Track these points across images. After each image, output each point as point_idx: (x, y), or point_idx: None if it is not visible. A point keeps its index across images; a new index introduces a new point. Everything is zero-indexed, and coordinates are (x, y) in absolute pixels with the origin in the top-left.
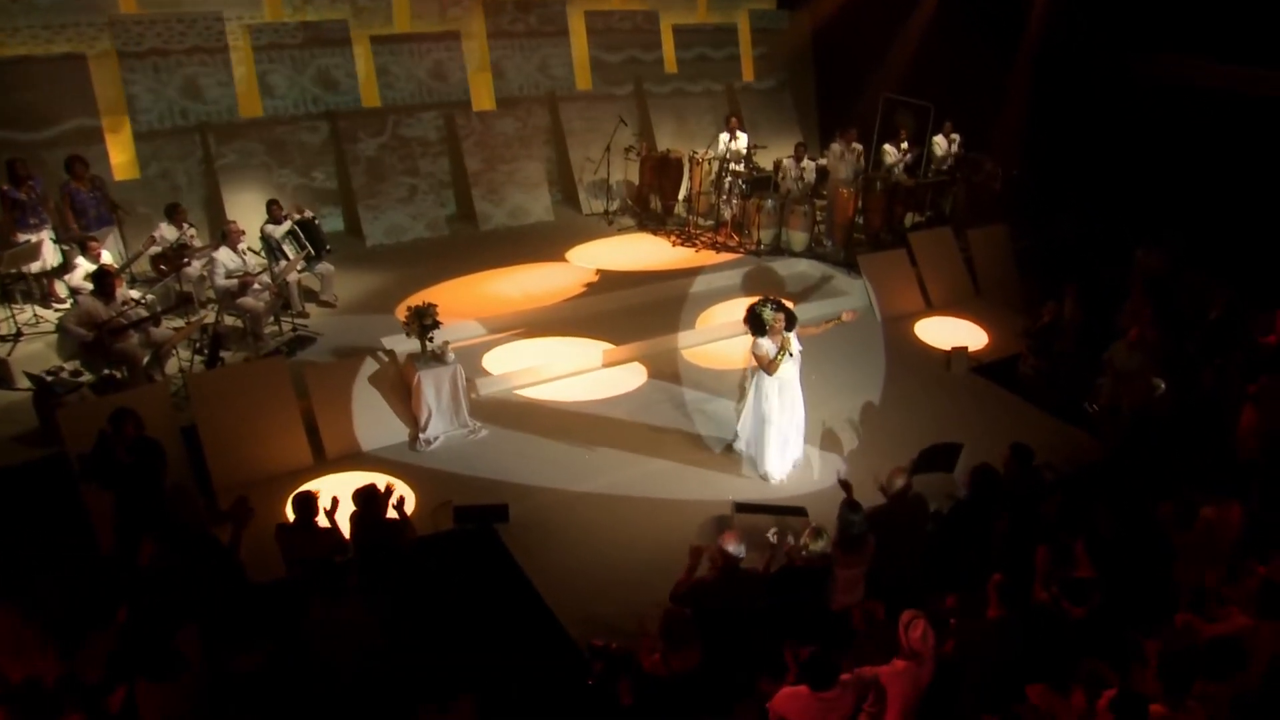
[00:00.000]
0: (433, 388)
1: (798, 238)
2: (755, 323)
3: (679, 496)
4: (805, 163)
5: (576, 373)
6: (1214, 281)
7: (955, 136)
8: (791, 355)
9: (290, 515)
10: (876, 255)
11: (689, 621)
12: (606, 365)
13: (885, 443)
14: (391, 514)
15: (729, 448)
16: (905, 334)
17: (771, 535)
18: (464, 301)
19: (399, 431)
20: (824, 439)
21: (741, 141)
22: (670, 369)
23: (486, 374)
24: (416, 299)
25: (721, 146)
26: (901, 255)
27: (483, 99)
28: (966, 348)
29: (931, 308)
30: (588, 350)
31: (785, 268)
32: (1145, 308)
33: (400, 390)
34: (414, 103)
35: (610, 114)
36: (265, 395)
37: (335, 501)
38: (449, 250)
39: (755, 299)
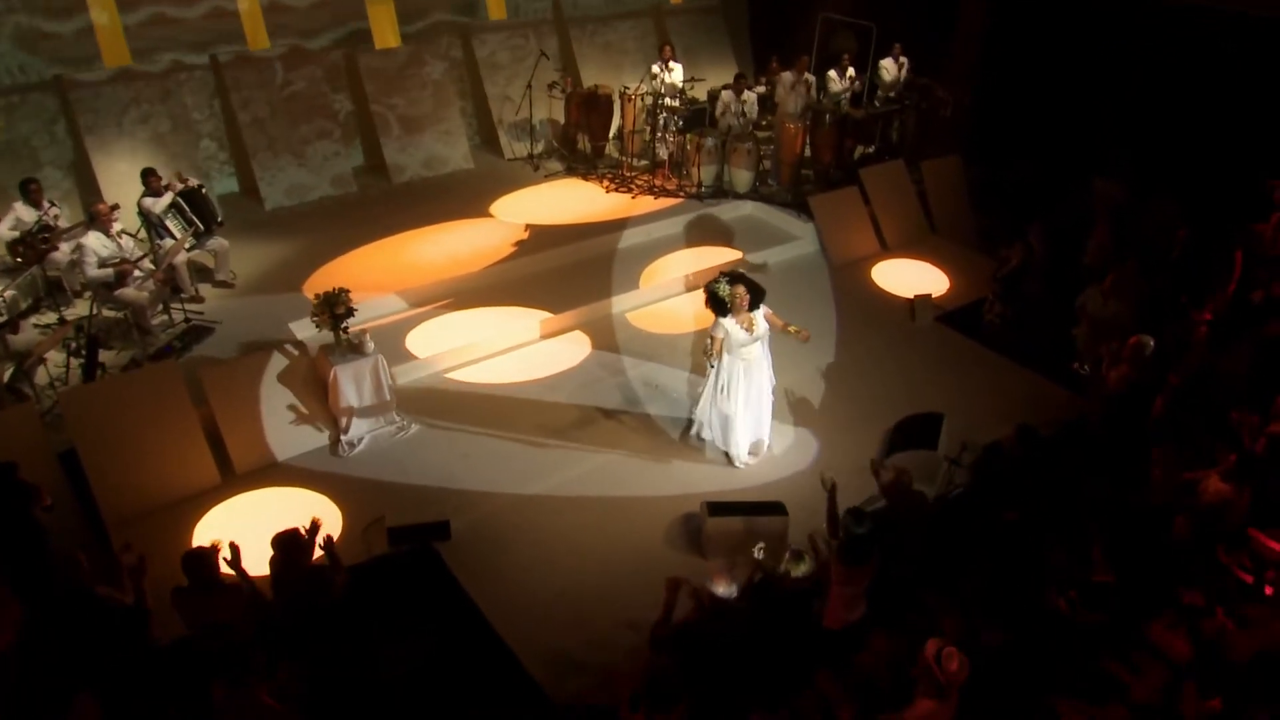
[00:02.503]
0: (352, 383)
1: (742, 177)
2: (715, 303)
3: (640, 493)
4: (746, 94)
5: (512, 348)
6: (1177, 212)
7: (904, 60)
8: (757, 336)
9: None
10: (828, 195)
11: (674, 675)
12: (545, 337)
13: (854, 412)
14: (323, 548)
15: (685, 434)
16: (862, 280)
17: (758, 552)
18: (380, 271)
19: (317, 436)
20: (786, 411)
21: (676, 73)
22: (615, 337)
23: (412, 358)
24: (326, 273)
25: (654, 79)
26: (854, 194)
27: (386, 34)
28: (930, 295)
29: (887, 250)
30: (523, 321)
31: (730, 212)
32: (1108, 243)
33: (315, 388)
34: (308, 42)
35: (530, 47)
36: (156, 406)
37: (236, 550)
38: (360, 210)
39: (712, 270)
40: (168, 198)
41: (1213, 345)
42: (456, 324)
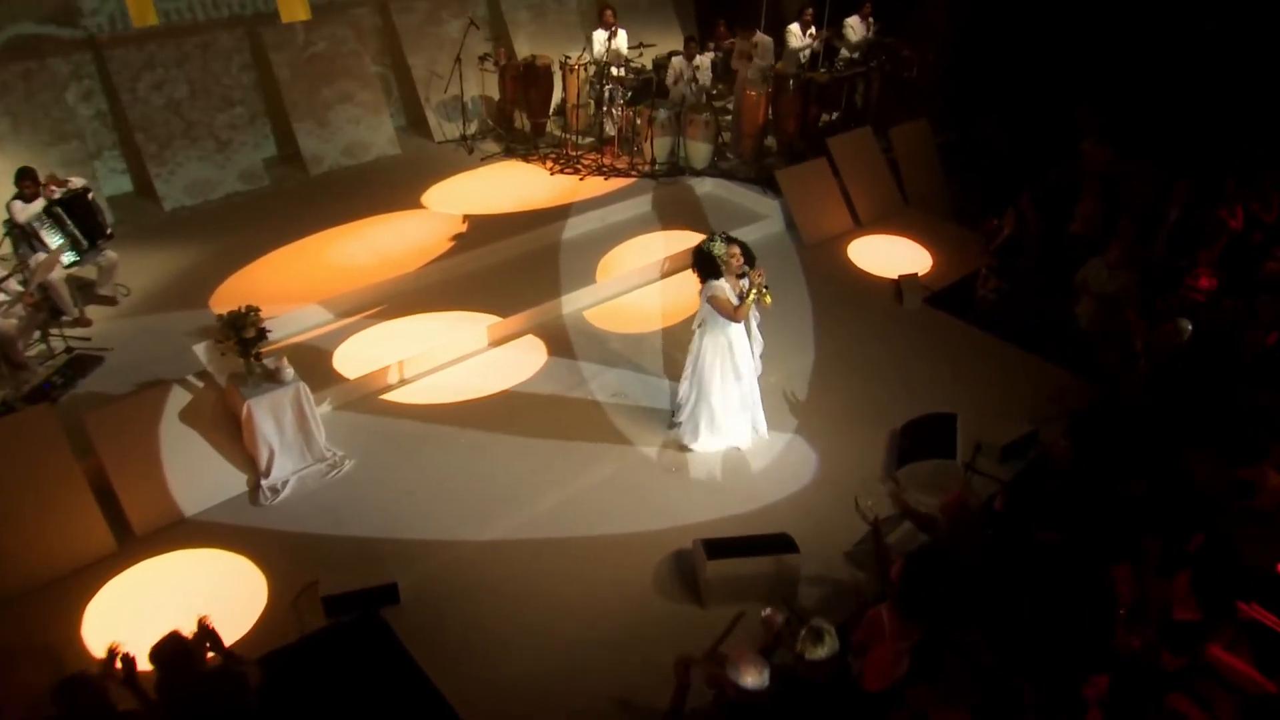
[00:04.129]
0: (270, 417)
1: (699, 151)
2: (706, 264)
3: (620, 528)
4: (699, 59)
5: (457, 360)
6: (1170, 173)
7: (872, 21)
8: (759, 297)
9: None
10: (795, 168)
11: None
12: (494, 345)
13: (849, 413)
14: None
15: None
16: (838, 261)
17: (767, 615)
18: (299, 278)
19: (233, 482)
20: (771, 415)
21: (621, 40)
22: (573, 340)
23: (340, 380)
24: (237, 283)
25: (598, 47)
26: (823, 166)
27: (294, 6)
28: (916, 274)
29: (861, 226)
30: (467, 328)
31: (688, 191)
32: (1097, 210)
33: (227, 424)
34: (203, 18)
35: (457, 17)
36: (31, 460)
37: (130, 661)
38: (274, 206)
39: (689, 237)
40: (39, 204)
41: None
42: (391, 336)
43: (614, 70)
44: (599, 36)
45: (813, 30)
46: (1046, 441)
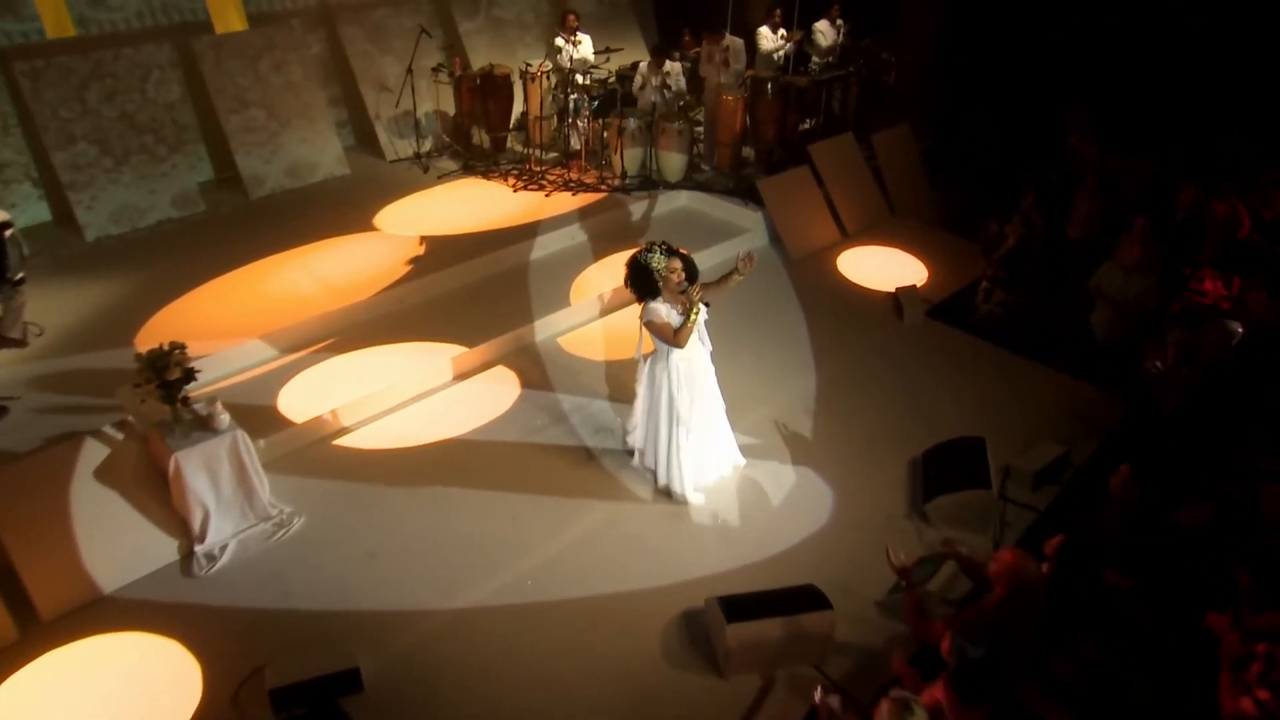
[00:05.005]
0: (203, 473)
1: (673, 162)
2: (641, 279)
3: (617, 586)
4: (669, 65)
5: (419, 397)
6: (1166, 171)
7: (841, 23)
8: (699, 317)
9: None
10: (777, 178)
11: None
12: (459, 378)
13: (860, 442)
14: None
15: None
16: (828, 275)
17: (818, 696)
18: (238, 310)
19: (161, 550)
20: (778, 446)
21: (585, 46)
22: (548, 369)
23: (286, 424)
24: (167, 319)
25: (560, 54)
26: (805, 175)
27: (229, 16)
28: (915, 286)
29: (848, 237)
30: (429, 360)
31: (662, 205)
32: (1096, 211)
33: (152, 482)
34: (129, 29)
35: (407, 25)
36: None
37: None
38: (209, 233)
39: (635, 249)
40: None
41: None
42: (342, 373)
43: (578, 79)
44: (561, 43)
45: (784, 31)
46: (1075, 461)
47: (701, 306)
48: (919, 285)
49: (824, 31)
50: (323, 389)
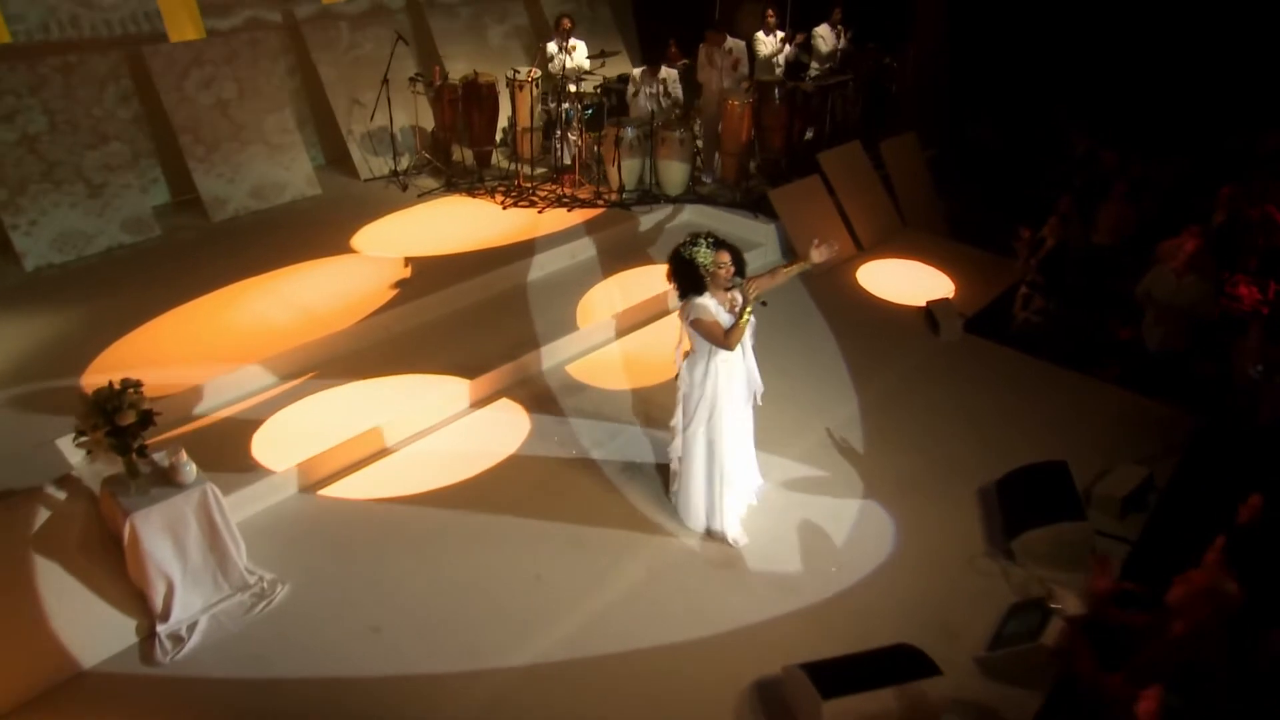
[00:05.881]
0: (165, 537)
1: (675, 173)
2: (686, 274)
3: (672, 654)
4: (665, 71)
5: (415, 437)
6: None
7: (842, 29)
8: (751, 316)
9: None
10: (789, 188)
11: None
12: (460, 415)
13: (924, 470)
14: None
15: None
16: (850, 291)
17: None
18: (201, 344)
19: (116, 632)
20: (830, 482)
21: (580, 53)
22: (559, 400)
23: (264, 472)
24: (118, 356)
25: (553, 61)
26: (817, 185)
27: (183, 24)
28: (949, 299)
29: (864, 250)
30: (424, 394)
31: (666, 220)
32: (1127, 216)
33: (104, 549)
34: (72, 36)
35: (379, 34)
36: None
37: None
38: (166, 260)
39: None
40: None
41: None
42: (325, 411)
43: (571, 87)
44: (553, 49)
45: (779, 34)
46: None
47: (756, 304)
48: (949, 298)
49: (824, 36)
50: (303, 431)
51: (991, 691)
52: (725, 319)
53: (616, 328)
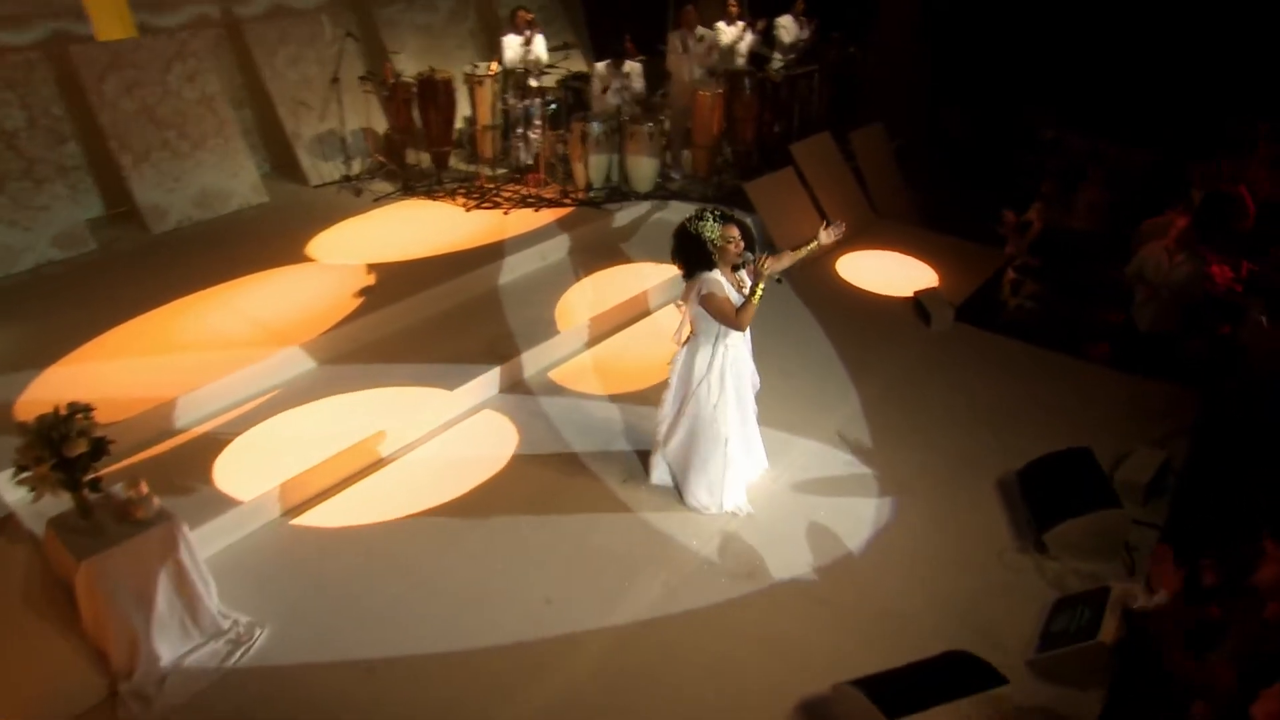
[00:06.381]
0: (127, 582)
1: (644, 168)
2: (692, 251)
3: (705, 677)
4: (630, 66)
5: (393, 457)
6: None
7: (805, 19)
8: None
9: None
10: (764, 181)
11: None
12: (439, 430)
13: (937, 464)
14: None
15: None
16: (832, 284)
17: None
18: (150, 364)
19: (71, 694)
20: (845, 481)
21: (540, 46)
22: (545, 409)
23: (230, 501)
24: (52, 382)
25: (511, 54)
26: (791, 177)
27: (112, 21)
28: (937, 289)
29: (841, 242)
30: (399, 409)
31: (637, 218)
32: (1102, 200)
33: (52, 600)
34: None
35: (327, 33)
36: None
37: None
38: (104, 276)
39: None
40: None
41: None
42: (294, 432)
43: (532, 82)
44: (512, 42)
45: (740, 23)
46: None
47: (770, 280)
48: (937, 288)
49: (787, 26)
50: (272, 454)
51: (1047, 694)
52: (736, 299)
53: (598, 330)
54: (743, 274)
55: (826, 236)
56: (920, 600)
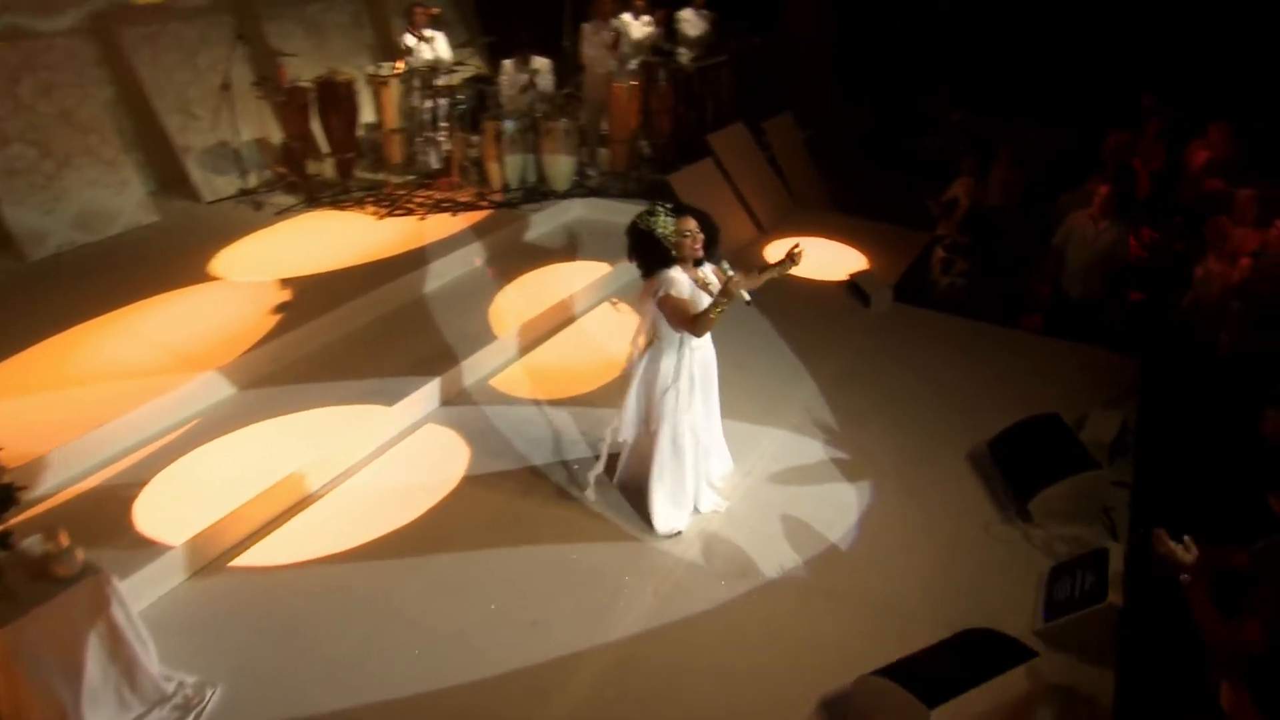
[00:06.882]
0: (51, 650)
1: (562, 166)
2: (647, 248)
3: (714, 688)
4: (537, 62)
5: (335, 481)
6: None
7: (707, 12)
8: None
9: None
10: (687, 172)
11: None
12: (381, 450)
13: (903, 443)
14: None
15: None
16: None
17: None
18: (44, 401)
19: None
20: (814, 468)
21: (441, 44)
22: (493, 420)
23: (157, 547)
24: None
25: (410, 53)
26: (711, 168)
27: None
28: (871, 270)
29: (765, 232)
30: (337, 430)
31: (556, 218)
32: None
33: None
34: None
35: (213, 36)
36: None
37: None
38: None
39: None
40: None
41: None
42: (220, 464)
43: (439, 81)
44: (410, 43)
45: (646, 17)
46: None
47: (744, 295)
48: (869, 270)
49: (690, 20)
50: (198, 491)
51: (1060, 662)
52: (698, 296)
53: (535, 334)
54: (707, 270)
55: (797, 259)
56: (917, 582)
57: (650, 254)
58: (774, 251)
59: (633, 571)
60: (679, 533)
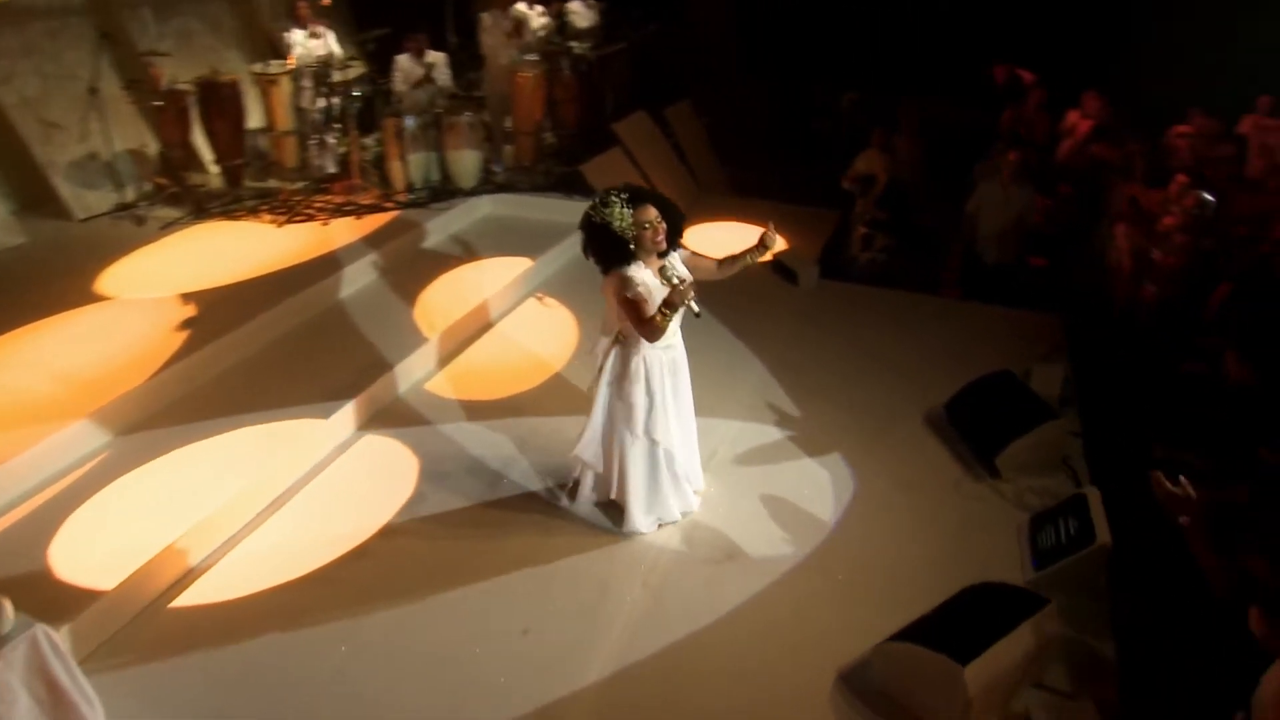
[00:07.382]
0: None
1: (467, 163)
2: (603, 242)
3: (722, 681)
4: (433, 56)
5: (273, 506)
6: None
7: (596, 3)
8: (691, 301)
9: None
10: (598, 161)
11: None
12: (319, 468)
13: (859, 414)
14: None
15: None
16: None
17: None
18: None
19: None
20: (780, 446)
21: (331, 40)
22: (437, 427)
23: (87, 595)
24: None
25: (300, 51)
26: (620, 156)
27: None
28: (789, 250)
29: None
30: (267, 450)
31: (465, 217)
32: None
33: None
34: None
35: (76, 36)
36: None
37: None
38: None
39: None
40: None
41: None
42: (144, 498)
43: (330, 79)
44: (298, 38)
45: (540, 7)
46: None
47: (693, 306)
48: (790, 249)
49: (579, 11)
50: (121, 527)
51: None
52: (655, 297)
53: (463, 335)
54: (674, 260)
55: (769, 239)
56: (897, 550)
57: (607, 249)
58: (691, 238)
59: (617, 565)
60: (651, 529)
